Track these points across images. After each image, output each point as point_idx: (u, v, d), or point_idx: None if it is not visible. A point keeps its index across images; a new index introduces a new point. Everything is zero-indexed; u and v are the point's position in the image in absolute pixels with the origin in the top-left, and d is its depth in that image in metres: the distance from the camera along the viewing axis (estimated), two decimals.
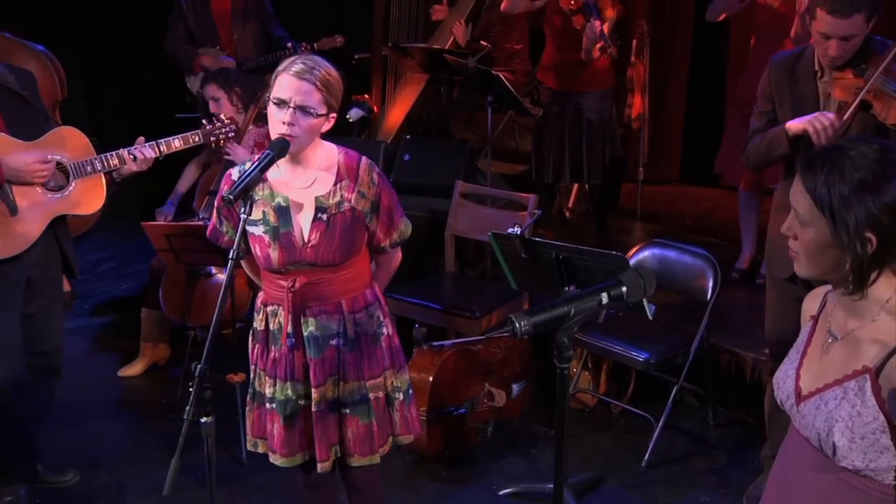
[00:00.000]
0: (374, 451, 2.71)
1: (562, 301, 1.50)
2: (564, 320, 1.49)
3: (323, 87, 2.50)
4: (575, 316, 1.50)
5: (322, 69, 2.51)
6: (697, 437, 4.11)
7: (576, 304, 1.51)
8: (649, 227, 5.71)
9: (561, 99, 5.15)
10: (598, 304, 1.54)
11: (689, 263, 4.03)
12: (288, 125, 2.47)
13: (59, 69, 5.19)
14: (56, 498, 3.63)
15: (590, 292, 1.55)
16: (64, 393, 4.21)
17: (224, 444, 3.91)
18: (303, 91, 2.47)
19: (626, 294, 1.57)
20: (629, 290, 1.57)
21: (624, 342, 3.91)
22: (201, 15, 5.51)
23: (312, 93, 2.48)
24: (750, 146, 3.21)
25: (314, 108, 2.49)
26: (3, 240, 3.14)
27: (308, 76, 2.47)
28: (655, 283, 1.60)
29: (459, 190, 4.62)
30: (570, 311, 1.49)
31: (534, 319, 1.47)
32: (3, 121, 3.20)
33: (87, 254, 6.05)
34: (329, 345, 2.65)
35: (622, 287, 1.57)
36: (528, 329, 1.46)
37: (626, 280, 1.58)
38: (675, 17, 6.43)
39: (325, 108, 2.52)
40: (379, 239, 2.69)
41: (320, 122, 2.53)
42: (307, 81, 2.47)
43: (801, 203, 1.69)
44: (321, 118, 2.52)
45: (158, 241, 3.84)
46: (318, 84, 2.48)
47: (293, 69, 2.49)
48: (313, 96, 2.49)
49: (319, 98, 2.50)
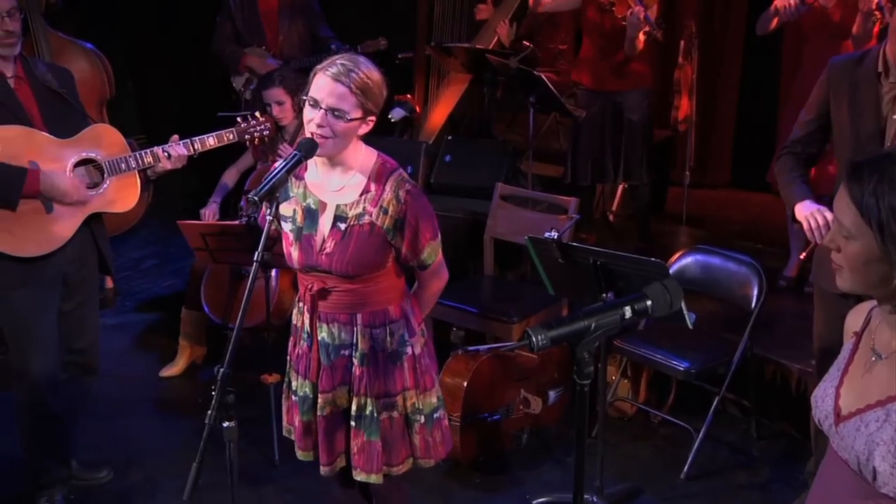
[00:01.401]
0: (377, 470, 2.63)
1: (582, 315, 1.43)
2: (584, 335, 1.42)
3: (359, 91, 2.40)
4: (596, 331, 1.43)
5: (361, 72, 2.41)
6: (739, 450, 4.00)
7: (597, 318, 1.44)
8: (695, 232, 5.60)
9: (598, 99, 5.06)
10: (621, 318, 1.47)
11: (733, 271, 3.92)
12: (318, 126, 2.41)
13: (108, 67, 5.26)
14: (89, 495, 3.65)
15: (612, 306, 1.47)
16: (102, 389, 4.24)
17: (258, 444, 3.91)
18: (337, 93, 2.39)
19: (651, 308, 1.49)
20: (654, 304, 1.50)
21: (664, 350, 3.81)
22: (248, 13, 5.52)
23: (347, 96, 2.40)
24: (781, 165, 3.13)
25: (347, 111, 2.40)
26: (39, 237, 3.15)
27: (344, 79, 2.39)
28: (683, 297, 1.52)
29: (499, 192, 4.56)
30: (590, 326, 1.42)
31: (552, 334, 1.40)
32: (41, 118, 3.22)
33: (131, 250, 6.12)
34: (340, 354, 2.60)
35: (647, 301, 1.50)
36: (545, 343, 1.39)
37: (651, 294, 1.50)
38: (726, 17, 6.30)
39: (359, 112, 2.43)
40: (406, 257, 2.58)
41: (354, 126, 2.44)
42: (342, 84, 2.39)
43: (846, 214, 1.60)
44: (355, 122, 2.43)
45: (194, 240, 3.83)
46: (353, 87, 2.39)
47: (330, 70, 2.41)
48: (347, 100, 2.40)
49: (354, 102, 2.41)
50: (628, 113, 5.03)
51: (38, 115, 3.21)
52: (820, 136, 3.13)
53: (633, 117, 5.03)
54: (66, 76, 3.39)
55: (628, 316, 1.48)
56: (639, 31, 4.69)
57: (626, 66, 4.93)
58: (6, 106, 3.14)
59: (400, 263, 2.62)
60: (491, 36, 5.78)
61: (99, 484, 3.71)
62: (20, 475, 3.56)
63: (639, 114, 5.04)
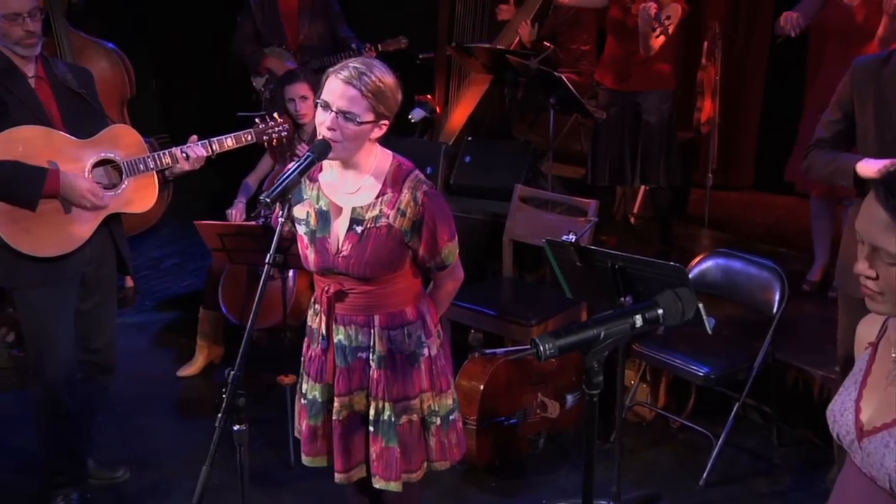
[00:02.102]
0: (396, 477, 2.61)
1: (591, 323, 1.40)
2: (593, 344, 1.39)
3: (370, 94, 2.38)
4: (605, 339, 1.40)
5: (373, 76, 2.39)
6: (760, 457, 3.95)
7: (606, 326, 1.41)
8: (717, 235, 5.53)
9: (619, 99, 5.02)
10: (631, 327, 1.44)
11: (754, 275, 3.87)
12: (329, 129, 2.39)
13: (129, 67, 5.28)
14: (105, 494, 3.65)
15: (622, 314, 1.44)
16: (120, 389, 4.24)
17: (273, 445, 3.90)
18: (347, 96, 2.37)
19: (663, 317, 1.46)
20: (665, 312, 1.47)
21: (683, 355, 3.77)
22: (269, 14, 5.53)
23: (358, 99, 2.37)
24: (815, 158, 3.04)
25: (358, 115, 2.38)
26: (58, 237, 3.16)
27: (356, 82, 2.37)
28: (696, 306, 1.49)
29: (519, 194, 4.53)
30: (599, 335, 1.39)
31: (559, 342, 1.37)
32: (61, 118, 3.22)
33: (151, 250, 6.14)
34: (357, 357, 2.58)
35: (658, 310, 1.46)
36: (553, 352, 1.37)
37: (662, 302, 1.47)
38: (752, 18, 6.22)
39: (371, 116, 2.40)
40: (423, 259, 2.56)
41: (365, 130, 2.42)
42: (353, 87, 2.37)
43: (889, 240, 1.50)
44: (366, 126, 2.41)
45: (212, 241, 3.83)
46: (364, 90, 2.37)
47: (342, 73, 2.39)
48: (359, 103, 2.38)
49: (365, 105, 2.38)
50: (646, 114, 4.98)
51: (57, 114, 3.22)
52: (847, 136, 3.06)
53: (651, 119, 4.98)
54: (85, 76, 3.40)
55: (639, 325, 1.45)
56: (648, 26, 4.64)
57: (647, 67, 4.88)
58: (26, 106, 3.15)
59: (417, 265, 2.60)
60: (512, 36, 5.75)
61: (115, 483, 3.71)
62: (38, 473, 3.57)
63: (657, 115, 4.98)
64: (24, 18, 3.09)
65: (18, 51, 3.13)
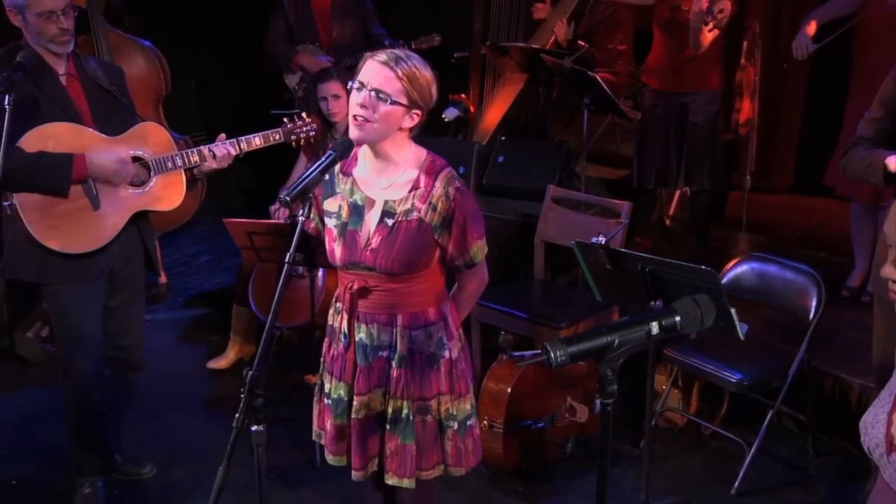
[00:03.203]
0: (410, 475, 2.58)
1: (605, 330, 1.35)
2: (607, 351, 1.34)
3: (405, 78, 2.37)
4: (620, 347, 1.35)
5: (410, 63, 2.40)
6: (795, 466, 3.85)
7: (621, 333, 1.36)
8: (755, 239, 5.43)
9: (665, 100, 4.94)
10: (647, 334, 1.38)
11: (790, 280, 3.77)
12: (361, 107, 2.37)
13: (165, 65, 5.31)
14: (132, 490, 3.67)
15: (637, 321, 1.39)
16: (149, 385, 4.28)
17: (300, 445, 3.89)
18: (382, 75, 2.37)
19: (680, 325, 1.41)
20: (683, 319, 1.41)
21: (716, 361, 3.69)
22: (301, 11, 5.53)
23: (393, 80, 2.37)
24: (851, 155, 2.96)
25: (392, 94, 2.37)
26: (86, 233, 3.17)
27: (392, 64, 2.37)
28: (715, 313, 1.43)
29: (551, 194, 4.47)
30: (613, 342, 1.34)
31: (571, 349, 1.33)
32: (91, 115, 3.23)
33: (185, 246, 6.18)
34: (378, 356, 2.56)
35: (675, 317, 1.41)
36: (564, 360, 1.32)
37: (680, 309, 1.41)
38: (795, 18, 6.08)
39: (405, 99, 2.39)
40: (452, 256, 2.54)
41: (398, 113, 2.40)
42: (389, 68, 2.37)
43: None
44: (399, 108, 2.39)
45: (240, 239, 3.83)
46: (399, 73, 2.37)
47: (380, 56, 2.40)
48: (393, 84, 2.37)
49: (399, 87, 2.37)
50: (693, 115, 4.90)
51: (87, 112, 3.23)
52: (889, 135, 2.97)
53: (698, 120, 4.90)
54: (116, 73, 3.41)
55: (655, 332, 1.39)
56: (700, 21, 4.56)
57: (695, 67, 4.80)
58: (57, 103, 3.16)
59: (443, 264, 2.57)
60: (548, 36, 5.69)
61: (142, 479, 3.72)
62: (67, 467, 3.58)
63: (704, 117, 4.90)
64: (58, 16, 3.10)
65: (52, 48, 3.15)
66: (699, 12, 4.54)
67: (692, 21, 4.60)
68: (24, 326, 4.69)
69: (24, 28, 3.14)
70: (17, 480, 3.73)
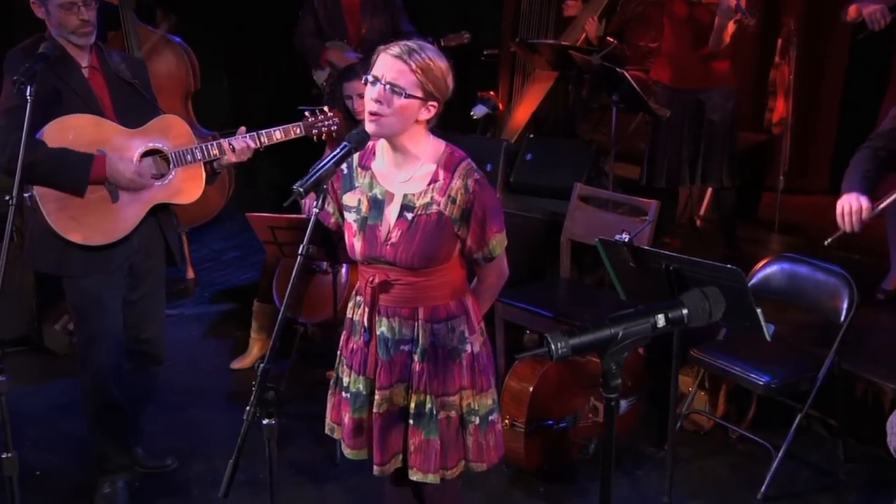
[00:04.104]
0: (434, 470, 2.55)
1: (608, 322, 1.31)
2: (611, 344, 1.30)
3: (419, 70, 2.35)
4: (623, 340, 1.30)
5: (424, 55, 2.37)
6: (824, 472, 3.76)
7: (625, 325, 1.31)
8: (787, 240, 5.32)
9: (679, 97, 4.86)
10: (653, 327, 1.33)
11: (821, 281, 3.68)
12: (376, 102, 2.35)
13: (194, 61, 5.34)
14: (153, 483, 3.67)
15: (642, 313, 1.34)
16: (172, 379, 4.31)
17: (322, 442, 3.86)
18: (396, 69, 2.34)
19: (687, 318, 1.35)
20: (691, 313, 1.36)
21: (743, 363, 3.61)
22: (331, 8, 5.53)
23: (406, 73, 2.34)
24: (854, 159, 2.91)
25: (406, 88, 2.34)
26: (104, 226, 3.18)
27: (405, 57, 2.35)
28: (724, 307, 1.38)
29: (578, 193, 4.41)
30: (617, 334, 1.30)
31: (573, 341, 1.28)
32: (112, 108, 3.24)
33: (213, 242, 6.21)
34: (400, 350, 2.53)
35: (683, 310, 1.36)
36: (565, 352, 1.28)
37: (688, 302, 1.36)
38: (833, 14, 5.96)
39: (419, 92, 2.36)
40: (471, 249, 2.51)
41: (413, 106, 2.37)
42: (402, 61, 2.35)
43: None
44: (414, 101, 2.36)
45: (263, 233, 3.82)
46: (413, 66, 2.34)
47: (393, 49, 2.38)
48: (407, 77, 2.34)
49: (414, 80, 2.35)
50: (710, 113, 4.82)
51: (109, 104, 3.24)
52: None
53: (715, 117, 4.82)
54: (139, 67, 3.42)
55: (661, 325, 1.34)
56: (730, 19, 4.48)
57: (709, 63, 4.72)
58: (79, 95, 3.17)
59: (464, 257, 2.54)
60: (579, 33, 5.64)
61: (163, 472, 3.72)
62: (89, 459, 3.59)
63: (721, 113, 4.82)
64: (79, 7, 3.12)
65: (74, 40, 3.16)
66: (728, 9, 4.46)
67: (720, 18, 4.52)
68: (52, 319, 4.73)
69: (46, 20, 3.16)
70: (40, 471, 3.75)
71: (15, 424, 2.78)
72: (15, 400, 3.97)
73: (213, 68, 6.94)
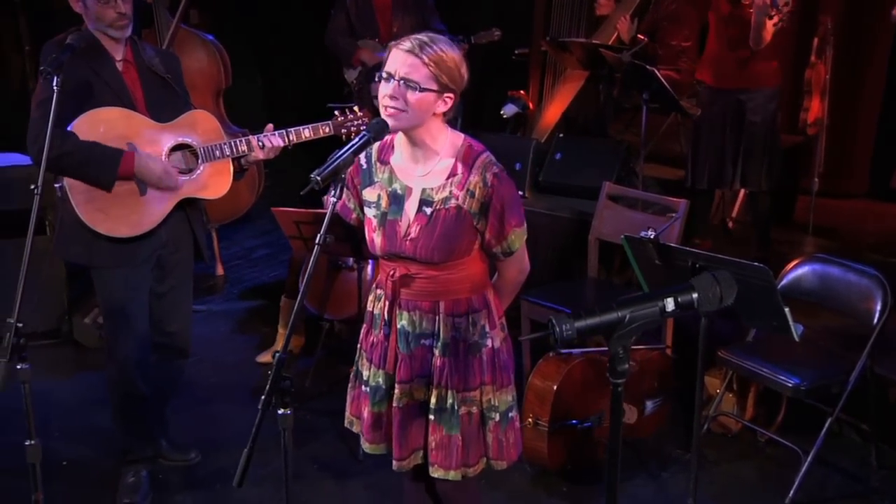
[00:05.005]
0: (456, 466, 2.52)
1: (615, 305, 1.28)
2: (618, 327, 1.27)
3: (432, 63, 2.33)
4: (631, 323, 1.27)
5: (436, 47, 2.35)
6: (855, 478, 3.68)
7: (632, 309, 1.28)
8: (821, 243, 5.23)
9: (722, 97, 4.79)
10: (661, 311, 1.30)
11: (853, 283, 3.60)
12: (391, 98, 2.34)
13: (226, 58, 5.37)
14: (176, 476, 3.69)
15: (651, 296, 1.31)
16: (199, 374, 4.34)
17: (345, 438, 3.86)
18: (408, 64, 2.33)
19: (698, 302, 1.32)
20: (701, 297, 1.33)
21: (772, 364, 3.55)
22: (362, 7, 5.55)
23: (419, 67, 2.33)
24: None
25: (420, 82, 2.33)
26: (132, 218, 3.20)
27: (417, 51, 2.33)
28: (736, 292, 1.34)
29: (606, 191, 4.37)
30: (624, 318, 1.27)
31: (579, 324, 1.26)
32: (145, 102, 3.26)
33: (243, 240, 6.25)
34: (420, 344, 2.51)
35: (692, 294, 1.33)
36: (570, 334, 1.25)
37: (698, 286, 1.33)
38: (872, 13, 5.85)
39: (434, 85, 2.35)
40: (490, 243, 2.49)
41: (429, 99, 2.36)
42: (414, 55, 2.33)
43: None
44: (429, 94, 2.35)
45: (289, 228, 3.83)
46: (426, 59, 2.33)
47: (404, 44, 2.36)
48: (420, 70, 2.33)
49: (427, 73, 2.33)
50: (751, 114, 4.75)
51: (141, 98, 3.26)
52: None
53: (756, 118, 4.75)
54: (172, 61, 3.44)
55: (670, 309, 1.31)
56: (765, 16, 4.42)
57: (753, 63, 4.66)
58: (112, 88, 3.20)
59: (484, 250, 2.52)
60: (611, 32, 5.59)
61: (187, 465, 3.74)
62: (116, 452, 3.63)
63: (762, 115, 4.75)
64: (116, 1, 3.14)
65: (111, 33, 3.19)
66: (763, 6, 4.40)
67: (755, 15, 4.47)
68: (82, 312, 4.77)
69: (84, 13, 3.19)
70: (67, 461, 3.78)
71: (43, 416, 2.81)
72: (44, 392, 4.05)
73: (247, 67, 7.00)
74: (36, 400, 2.71)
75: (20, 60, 6.23)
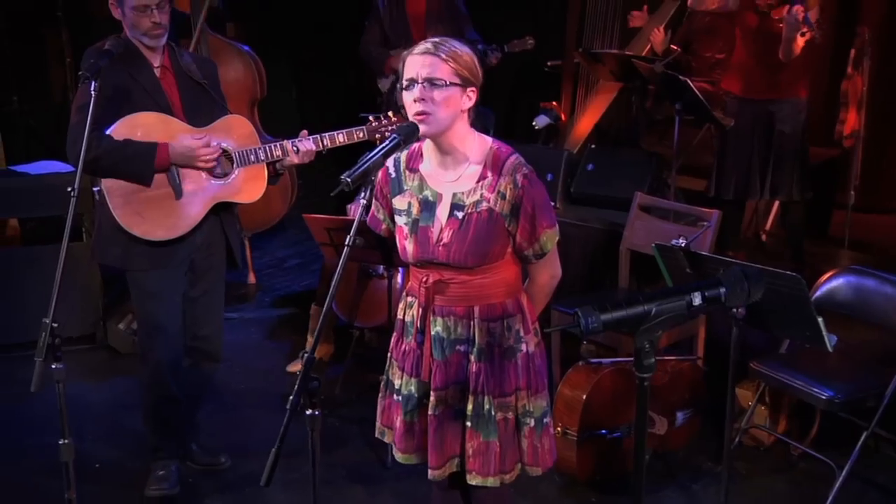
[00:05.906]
0: (494, 473, 2.50)
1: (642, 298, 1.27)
2: (644, 321, 1.26)
3: (450, 59, 2.36)
4: (657, 317, 1.26)
5: (449, 45, 2.39)
6: (892, 495, 3.61)
7: (659, 302, 1.28)
8: (857, 257, 5.16)
9: (750, 108, 4.77)
10: (688, 305, 1.30)
11: (890, 295, 3.55)
12: (419, 101, 2.35)
13: (261, 69, 5.44)
14: (206, 479, 3.71)
15: (678, 290, 1.30)
16: (230, 379, 4.37)
17: (373, 445, 3.87)
18: (428, 64, 2.35)
19: (725, 296, 1.31)
20: (728, 291, 1.32)
21: (806, 376, 3.49)
22: (396, 17, 5.58)
23: (439, 64, 2.35)
24: None
25: (444, 78, 2.35)
26: (167, 221, 3.24)
27: (433, 50, 2.36)
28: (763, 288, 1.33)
29: (638, 202, 4.35)
30: (650, 311, 1.26)
31: (605, 317, 1.25)
32: (181, 107, 3.32)
33: (276, 249, 6.29)
34: (455, 350, 2.50)
35: (720, 288, 1.32)
36: (596, 327, 1.25)
37: (726, 280, 1.32)
38: None
39: (457, 79, 2.36)
40: (521, 246, 2.48)
41: (455, 94, 2.37)
42: (431, 55, 2.36)
43: None
44: (455, 88, 2.36)
45: (320, 235, 3.85)
46: (443, 56, 2.35)
47: (418, 49, 2.39)
48: (441, 67, 2.35)
49: (448, 69, 2.35)
50: (780, 124, 4.72)
51: (178, 104, 3.31)
52: None
53: (786, 129, 4.72)
54: (209, 67, 3.49)
55: (697, 303, 1.30)
56: (796, 31, 4.40)
57: (781, 74, 4.63)
58: (150, 93, 3.26)
59: (516, 253, 2.51)
60: (644, 44, 5.59)
61: (216, 470, 3.76)
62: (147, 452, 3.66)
63: (791, 125, 4.72)
64: (152, 10, 3.20)
65: (146, 41, 3.25)
66: (794, 22, 4.38)
67: (786, 31, 4.45)
68: (117, 318, 4.83)
69: (122, 20, 3.26)
70: (99, 464, 3.82)
71: (77, 419, 2.84)
72: (78, 395, 4.10)
73: (282, 79, 7.08)
74: (70, 403, 2.74)
75: (62, 73, 6.36)
